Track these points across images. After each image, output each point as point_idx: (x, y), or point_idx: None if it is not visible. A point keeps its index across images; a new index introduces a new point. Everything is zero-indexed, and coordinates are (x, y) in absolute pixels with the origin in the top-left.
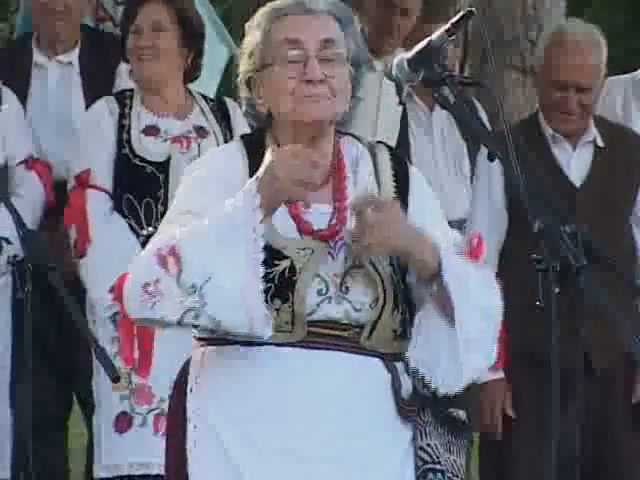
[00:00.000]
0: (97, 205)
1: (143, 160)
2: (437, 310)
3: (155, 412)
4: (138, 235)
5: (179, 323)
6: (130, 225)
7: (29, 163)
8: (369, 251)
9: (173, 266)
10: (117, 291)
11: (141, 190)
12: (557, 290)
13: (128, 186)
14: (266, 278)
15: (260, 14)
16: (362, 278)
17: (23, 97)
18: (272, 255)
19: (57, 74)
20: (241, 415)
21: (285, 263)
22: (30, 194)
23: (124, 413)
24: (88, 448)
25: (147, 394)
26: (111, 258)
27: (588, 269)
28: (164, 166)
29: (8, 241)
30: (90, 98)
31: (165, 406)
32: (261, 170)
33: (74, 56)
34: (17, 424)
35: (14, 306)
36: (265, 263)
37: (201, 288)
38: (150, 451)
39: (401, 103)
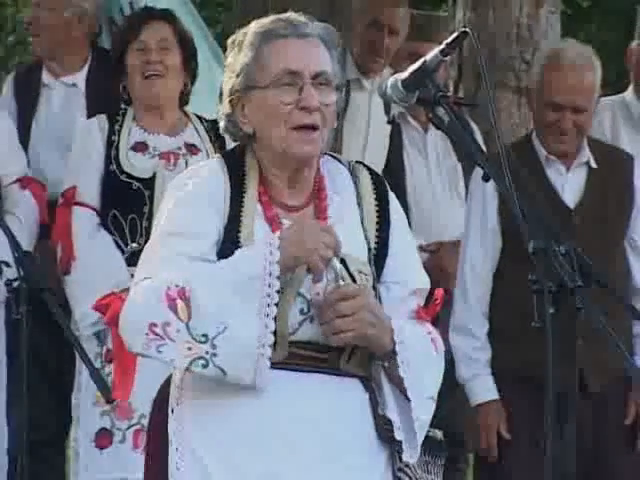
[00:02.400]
0: (82, 222)
1: (130, 176)
2: (389, 380)
3: (135, 427)
4: (123, 251)
5: (187, 370)
6: (115, 241)
7: (24, 182)
8: (339, 339)
9: (183, 310)
10: (110, 314)
11: (127, 206)
12: (552, 310)
13: (114, 202)
14: None
15: (250, 33)
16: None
17: (30, 116)
18: None
19: (61, 95)
20: (223, 439)
21: None
22: (25, 214)
23: (105, 429)
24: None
25: (127, 409)
26: (95, 275)
27: (583, 289)
28: (150, 182)
29: (7, 264)
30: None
31: (145, 421)
32: (287, 230)
33: (80, 77)
34: (13, 444)
35: (8, 325)
36: None
37: (214, 338)
38: (128, 467)
39: (389, 122)
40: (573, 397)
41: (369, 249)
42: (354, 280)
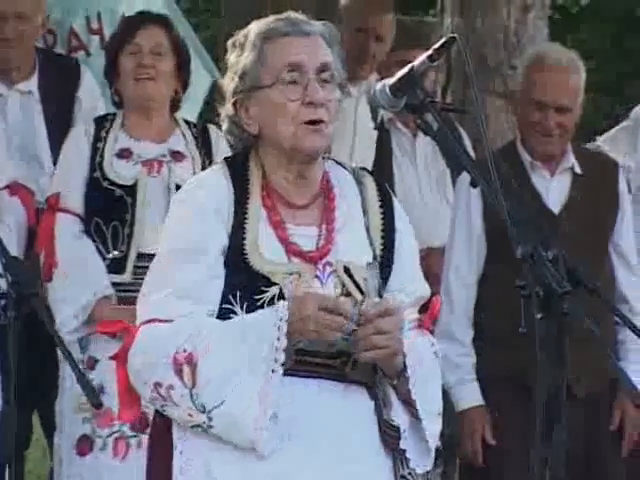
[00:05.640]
0: (65, 228)
1: (113, 183)
2: (397, 393)
3: (115, 435)
4: (104, 258)
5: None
6: (97, 248)
7: (13, 189)
8: (374, 355)
9: (188, 377)
10: (120, 350)
11: (109, 213)
12: (540, 316)
13: (97, 209)
14: (254, 305)
15: (252, 34)
16: (353, 305)
17: None
18: (260, 281)
19: (18, 103)
20: (228, 445)
21: (274, 290)
22: (14, 220)
23: (86, 436)
24: (52, 471)
25: (108, 417)
26: (75, 282)
27: (571, 294)
28: (132, 189)
29: None
30: (52, 126)
31: (126, 429)
32: (294, 306)
33: (33, 84)
34: (3, 451)
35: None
36: (253, 290)
37: (210, 411)
38: (107, 475)
39: (376, 128)
40: (562, 402)
41: (374, 256)
42: (359, 288)
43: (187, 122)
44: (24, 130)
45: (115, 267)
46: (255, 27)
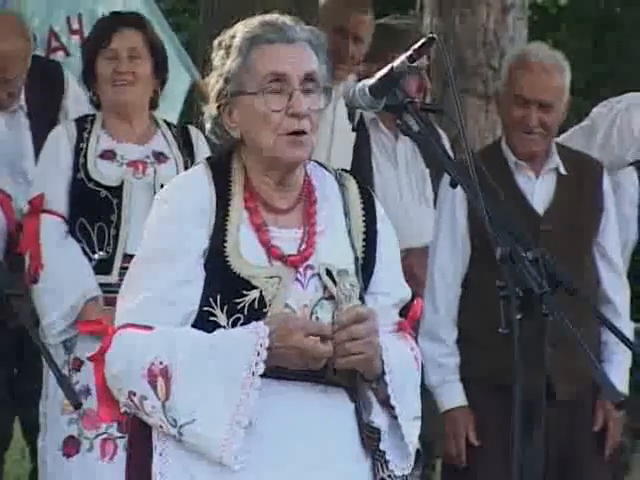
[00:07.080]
0: (50, 230)
1: (98, 184)
2: (376, 396)
3: (102, 437)
4: (90, 259)
5: None
6: (83, 249)
7: None
8: (347, 361)
9: (162, 390)
10: (98, 351)
11: (94, 214)
12: (519, 316)
13: (82, 210)
14: (235, 308)
15: (238, 38)
16: (332, 310)
17: None
18: (241, 284)
19: (5, 118)
20: None
21: (254, 294)
22: None
23: (72, 437)
24: (32, 472)
25: (95, 418)
26: (62, 284)
27: (552, 296)
28: (118, 190)
29: None
30: (39, 138)
31: (112, 430)
32: (277, 333)
33: (21, 100)
34: None
35: None
36: (234, 293)
37: (181, 426)
38: (94, 476)
39: (354, 129)
40: (542, 402)
41: (356, 259)
42: (346, 301)
43: (167, 123)
44: (10, 143)
45: (102, 268)
46: (241, 30)
